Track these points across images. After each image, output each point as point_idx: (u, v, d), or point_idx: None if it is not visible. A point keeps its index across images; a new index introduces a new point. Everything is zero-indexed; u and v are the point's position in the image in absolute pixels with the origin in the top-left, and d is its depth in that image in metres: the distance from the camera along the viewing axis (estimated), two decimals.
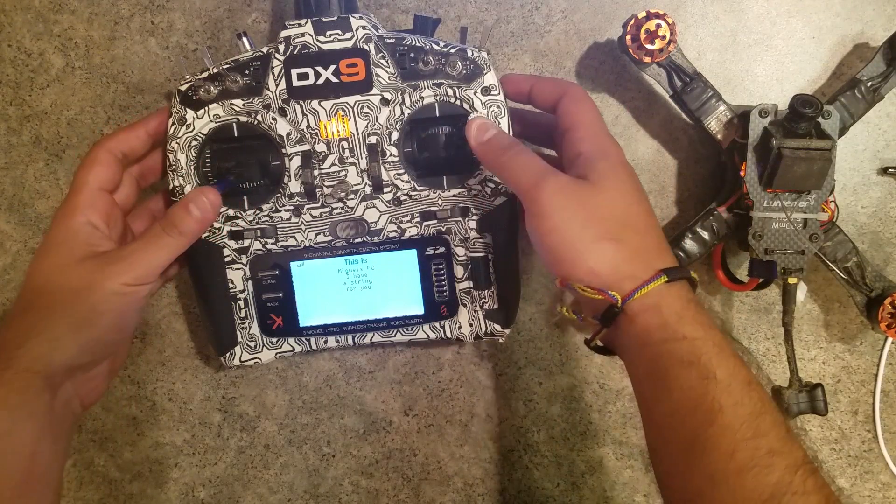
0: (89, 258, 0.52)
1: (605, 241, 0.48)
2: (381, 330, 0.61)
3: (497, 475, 0.70)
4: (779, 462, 0.43)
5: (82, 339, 0.51)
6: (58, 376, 0.50)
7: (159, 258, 0.53)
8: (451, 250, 0.59)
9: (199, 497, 0.69)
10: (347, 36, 0.54)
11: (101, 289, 0.51)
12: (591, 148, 0.52)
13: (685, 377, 0.45)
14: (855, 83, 0.60)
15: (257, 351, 0.61)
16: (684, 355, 0.45)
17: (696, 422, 0.45)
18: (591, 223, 0.48)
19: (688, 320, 0.46)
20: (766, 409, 0.45)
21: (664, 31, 0.57)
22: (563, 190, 0.49)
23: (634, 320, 0.47)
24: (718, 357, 0.45)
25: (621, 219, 0.49)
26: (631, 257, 0.48)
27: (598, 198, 0.49)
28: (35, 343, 0.49)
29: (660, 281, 0.47)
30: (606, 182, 0.50)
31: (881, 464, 0.70)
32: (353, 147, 0.56)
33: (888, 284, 0.62)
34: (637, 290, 0.47)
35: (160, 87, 0.64)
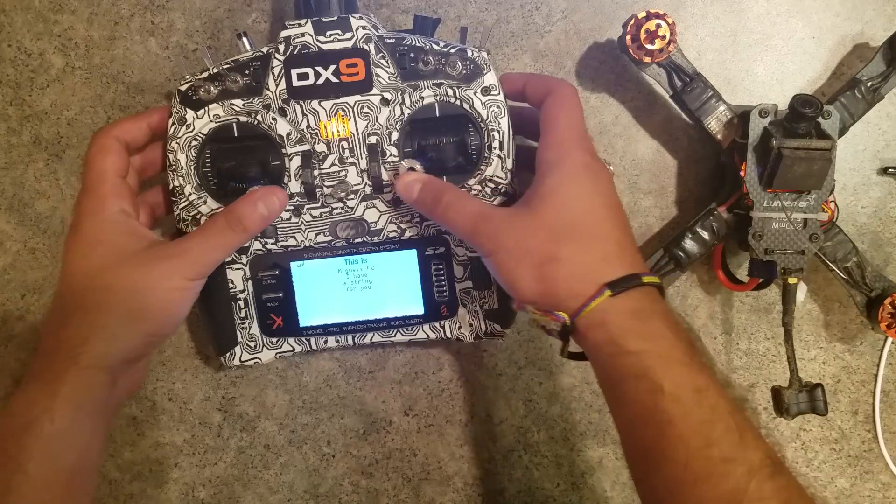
0: (142, 251, 0.52)
1: (546, 265, 0.48)
2: (381, 330, 0.61)
3: (497, 475, 0.70)
4: (733, 469, 0.43)
5: (141, 333, 0.51)
6: (118, 370, 0.50)
7: (220, 253, 0.54)
8: (451, 250, 0.59)
9: (199, 497, 0.69)
10: (347, 36, 0.54)
11: (161, 285, 0.51)
12: (549, 158, 0.52)
13: (635, 391, 0.46)
14: (855, 83, 0.60)
15: (257, 351, 0.61)
16: (632, 369, 0.46)
17: (650, 434, 0.45)
18: (530, 250, 0.49)
19: (633, 334, 0.46)
20: (717, 416, 0.45)
21: (664, 31, 0.57)
22: (499, 227, 0.50)
23: (586, 336, 0.48)
24: (664, 368, 0.45)
25: (561, 235, 0.49)
26: (574, 274, 0.48)
27: (534, 221, 0.49)
28: (96, 339, 0.50)
29: (603, 297, 0.47)
30: (548, 199, 0.50)
31: (881, 464, 0.70)
32: (353, 147, 0.56)
33: (888, 284, 0.62)
34: (581, 308, 0.47)
35: (160, 87, 0.64)
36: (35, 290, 0.66)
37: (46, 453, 0.47)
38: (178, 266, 0.52)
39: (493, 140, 0.56)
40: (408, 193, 0.55)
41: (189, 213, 0.57)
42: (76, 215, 0.53)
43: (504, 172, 0.56)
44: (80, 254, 0.52)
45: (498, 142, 0.56)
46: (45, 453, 0.47)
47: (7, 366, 0.66)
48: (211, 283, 0.58)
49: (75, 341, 0.49)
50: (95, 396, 0.49)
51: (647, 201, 0.67)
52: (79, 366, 0.49)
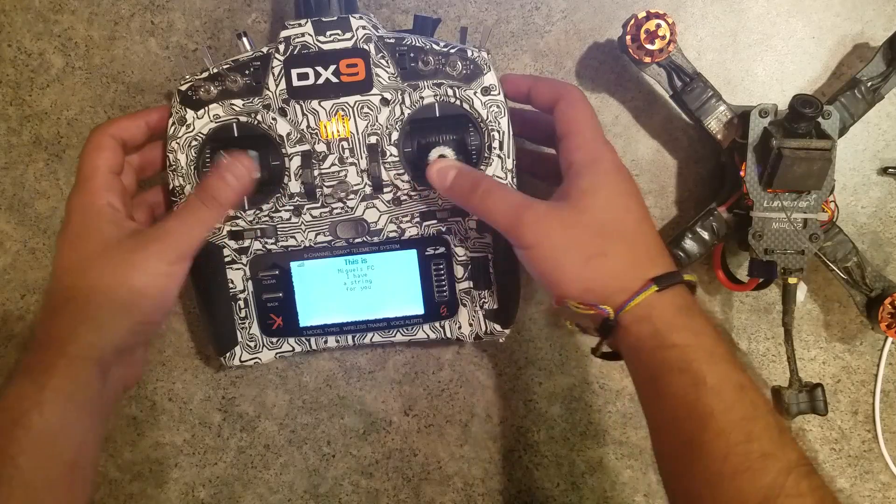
0: (125, 239, 0.52)
1: (593, 259, 0.49)
2: (381, 330, 0.61)
3: (497, 475, 0.70)
4: (772, 465, 0.43)
5: (129, 321, 0.51)
6: (108, 361, 0.50)
7: (198, 232, 0.53)
8: (451, 250, 0.59)
9: (199, 497, 0.69)
10: (347, 36, 0.54)
11: (144, 270, 0.51)
12: (581, 158, 0.52)
13: (677, 384, 0.46)
14: (855, 83, 0.60)
15: (257, 351, 0.61)
16: (675, 363, 0.46)
17: (690, 427, 0.45)
18: (576, 244, 0.49)
19: (678, 328, 0.47)
20: (759, 413, 0.45)
21: (664, 31, 0.57)
22: (543, 219, 0.50)
23: (629, 330, 0.48)
24: (709, 363, 0.46)
25: (607, 232, 0.50)
26: (621, 270, 0.49)
27: (580, 216, 0.50)
28: (84, 330, 0.49)
29: (650, 291, 0.47)
30: (590, 196, 0.50)
31: (881, 464, 0.70)
32: (353, 147, 0.56)
33: (888, 284, 0.62)
34: (627, 302, 0.47)
35: (160, 87, 0.64)
36: (35, 290, 0.66)
37: (37, 447, 0.46)
38: (159, 250, 0.51)
39: (493, 140, 0.56)
40: (441, 180, 0.54)
41: None
42: (66, 210, 0.53)
43: (504, 172, 0.56)
44: (67, 247, 0.52)
45: (498, 142, 0.56)
46: (36, 447, 0.46)
47: (7, 366, 0.66)
48: (211, 283, 0.58)
49: (64, 333, 0.49)
50: (86, 389, 0.49)
51: (647, 201, 0.66)
52: (67, 357, 0.48)
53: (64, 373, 0.48)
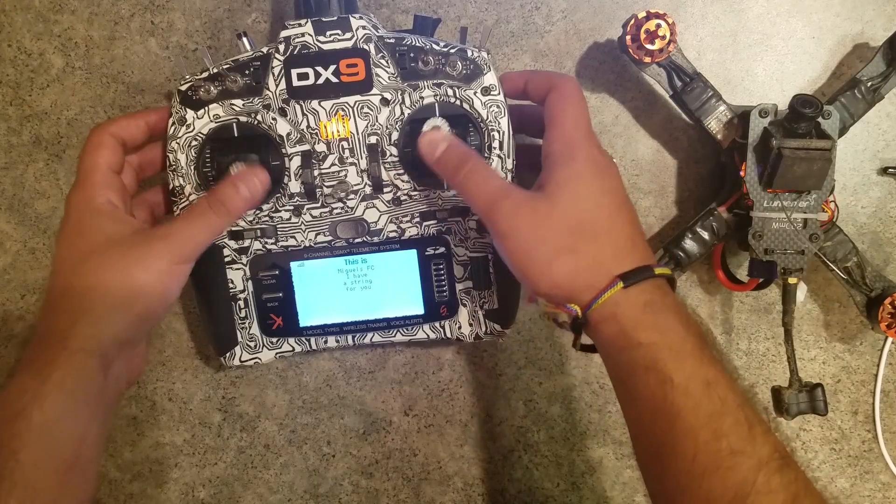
0: (128, 235, 0.52)
1: (562, 255, 0.48)
2: (381, 330, 0.61)
3: (497, 475, 0.70)
4: (742, 462, 0.43)
5: (129, 316, 0.51)
6: (109, 354, 0.50)
7: (204, 236, 0.53)
8: (451, 250, 0.59)
9: (199, 497, 0.69)
10: (347, 36, 0.54)
11: (147, 267, 0.51)
12: (558, 150, 0.51)
13: (645, 383, 0.46)
14: (855, 83, 0.60)
15: (257, 351, 0.61)
16: (642, 362, 0.46)
17: (660, 427, 0.45)
18: (547, 239, 0.48)
19: (644, 326, 0.46)
20: (727, 409, 0.45)
21: (664, 31, 0.57)
22: (519, 209, 0.49)
23: (598, 329, 0.48)
24: (675, 360, 0.45)
25: (577, 228, 0.49)
26: (588, 267, 0.48)
27: (553, 210, 0.49)
28: (85, 323, 0.49)
29: (616, 289, 0.47)
30: (563, 190, 0.49)
31: (881, 464, 0.70)
32: (353, 147, 0.56)
33: (888, 284, 0.62)
34: (593, 301, 0.47)
35: (160, 87, 0.64)
36: (35, 290, 0.66)
37: (39, 441, 0.46)
38: (162, 249, 0.51)
39: (493, 140, 0.56)
40: (430, 151, 0.53)
41: None
42: (66, 207, 0.53)
43: (504, 172, 0.56)
44: (67, 243, 0.52)
45: (498, 142, 0.56)
46: (37, 441, 0.46)
47: (7, 366, 0.66)
48: (211, 283, 0.58)
49: (64, 326, 0.49)
50: (88, 383, 0.48)
51: (647, 201, 0.67)
52: (68, 350, 0.48)
53: (65, 366, 0.48)
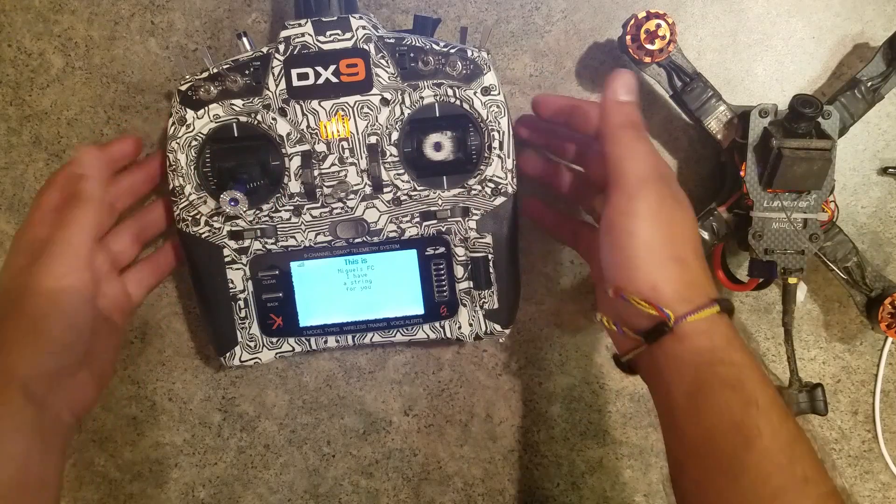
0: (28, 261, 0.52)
1: (674, 262, 0.48)
2: (381, 330, 0.61)
3: (497, 475, 0.70)
4: (811, 490, 0.43)
5: (38, 345, 0.50)
6: (36, 386, 0.49)
7: (75, 237, 0.52)
8: (451, 250, 0.59)
9: (199, 497, 0.69)
10: (347, 36, 0.54)
11: (36, 290, 0.50)
12: (666, 169, 0.51)
13: (727, 400, 0.45)
14: (855, 83, 0.60)
15: (257, 351, 0.61)
16: (729, 379, 0.46)
17: (734, 444, 0.45)
18: (669, 241, 0.48)
19: (734, 347, 0.47)
20: (801, 438, 0.45)
21: (664, 32, 0.57)
22: (665, 202, 0.49)
23: (683, 341, 0.47)
24: (762, 385, 0.46)
25: (693, 244, 0.50)
26: (692, 282, 0.48)
27: (681, 217, 0.49)
28: (3, 353, 0.49)
29: (714, 309, 0.47)
30: (684, 205, 0.50)
31: (881, 464, 0.70)
32: (353, 147, 0.56)
33: (888, 284, 0.62)
34: (692, 312, 0.47)
35: (160, 87, 0.64)
36: None
37: None
38: (44, 265, 0.51)
39: (493, 140, 0.56)
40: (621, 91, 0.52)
41: (189, 213, 0.57)
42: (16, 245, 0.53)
43: (504, 172, 0.56)
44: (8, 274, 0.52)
45: (498, 142, 0.56)
46: None
47: None
48: (211, 283, 0.58)
49: None
50: (14, 415, 0.48)
51: None
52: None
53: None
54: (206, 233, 0.58)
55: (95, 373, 0.55)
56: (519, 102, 0.65)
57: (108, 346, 0.56)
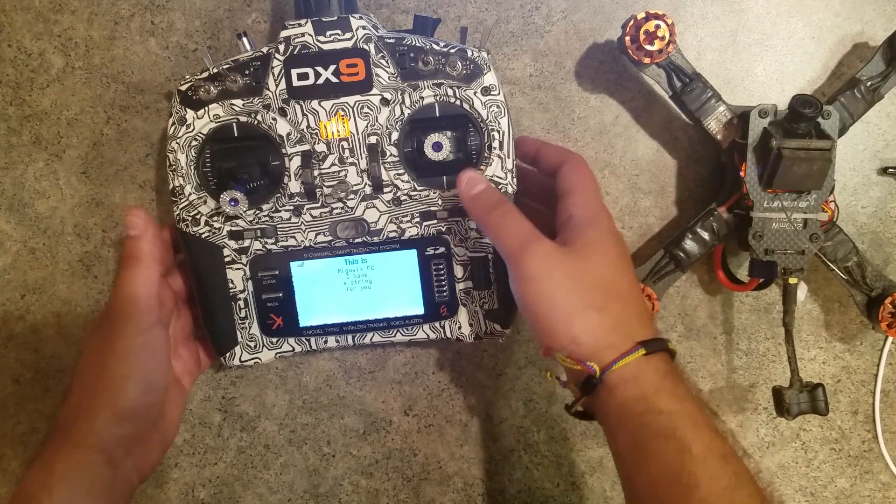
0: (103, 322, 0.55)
1: (589, 311, 0.49)
2: (381, 330, 0.61)
3: (497, 475, 0.70)
4: None
5: (118, 410, 0.52)
6: (114, 450, 0.52)
7: (137, 294, 0.54)
8: (451, 250, 0.59)
9: (199, 497, 0.69)
10: (347, 36, 0.54)
11: (114, 352, 0.53)
12: (583, 213, 0.52)
13: (663, 450, 0.46)
14: (854, 83, 0.60)
15: (257, 351, 0.60)
16: (661, 429, 0.46)
17: (675, 495, 0.45)
18: (576, 291, 0.49)
19: (665, 393, 0.47)
20: (742, 483, 0.45)
21: (663, 32, 0.57)
22: (550, 256, 0.49)
23: (613, 391, 0.48)
24: (694, 431, 0.46)
25: (605, 288, 0.50)
26: (612, 327, 0.49)
27: (584, 266, 0.50)
28: (85, 419, 0.52)
29: (638, 353, 0.47)
30: (593, 250, 0.51)
31: (881, 464, 0.70)
32: (353, 147, 0.56)
33: (888, 284, 0.62)
34: (615, 361, 0.47)
35: (160, 87, 0.64)
36: (35, 290, 0.66)
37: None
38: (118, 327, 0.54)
39: (493, 140, 0.56)
40: (468, 189, 0.54)
41: (189, 213, 0.57)
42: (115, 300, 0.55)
43: (504, 172, 0.56)
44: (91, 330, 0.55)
45: (498, 142, 0.56)
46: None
47: (7, 366, 0.66)
48: (211, 283, 0.58)
49: (70, 420, 0.52)
50: (92, 475, 0.50)
51: (647, 201, 0.67)
52: (71, 444, 0.51)
53: (68, 459, 0.50)
54: (206, 233, 0.58)
55: (163, 436, 0.57)
56: (519, 102, 0.65)
57: (175, 410, 0.59)
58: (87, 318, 0.66)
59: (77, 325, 0.66)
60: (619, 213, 0.67)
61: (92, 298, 0.66)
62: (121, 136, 0.64)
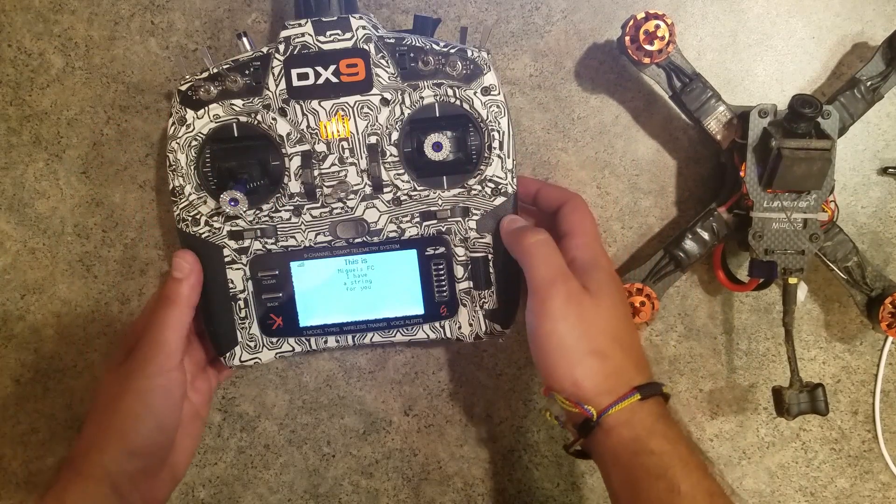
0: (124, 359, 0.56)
1: (593, 356, 0.51)
2: (380, 330, 0.61)
3: (497, 475, 0.70)
4: None
5: (128, 446, 0.54)
6: (121, 484, 0.53)
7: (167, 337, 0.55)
8: (451, 250, 0.59)
9: (199, 497, 0.69)
10: (347, 36, 0.54)
11: (130, 389, 0.54)
12: (586, 256, 0.55)
13: (654, 489, 0.48)
14: (854, 83, 0.60)
15: (257, 351, 0.60)
16: (652, 468, 0.48)
17: None
18: (586, 336, 0.51)
19: (657, 435, 0.49)
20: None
21: (663, 32, 0.57)
22: (572, 298, 0.51)
23: (609, 433, 0.50)
24: (683, 471, 0.48)
25: (611, 334, 0.52)
26: (612, 373, 0.51)
27: (595, 311, 0.52)
28: (95, 451, 0.53)
29: (633, 398, 0.50)
30: (603, 294, 0.53)
31: (881, 464, 0.70)
32: (353, 147, 0.56)
33: (888, 284, 0.62)
34: (611, 406, 0.50)
35: (160, 87, 0.64)
36: (35, 290, 0.66)
37: None
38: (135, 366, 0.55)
39: (494, 140, 0.56)
40: (510, 224, 0.56)
41: (189, 212, 0.57)
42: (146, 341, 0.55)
43: (504, 172, 0.56)
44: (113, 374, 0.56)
45: (498, 142, 0.56)
46: None
47: (7, 366, 0.66)
48: (211, 283, 0.58)
49: (80, 452, 0.54)
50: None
51: (647, 201, 0.67)
52: (82, 476, 0.53)
53: (77, 491, 0.52)
54: (205, 233, 0.58)
55: (174, 471, 0.59)
56: (519, 102, 0.65)
57: (192, 443, 0.61)
58: (87, 318, 0.66)
59: (77, 325, 0.66)
60: (619, 213, 0.67)
61: (92, 298, 0.66)
62: (121, 136, 0.64)
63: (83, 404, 0.67)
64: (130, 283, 0.66)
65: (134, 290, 0.66)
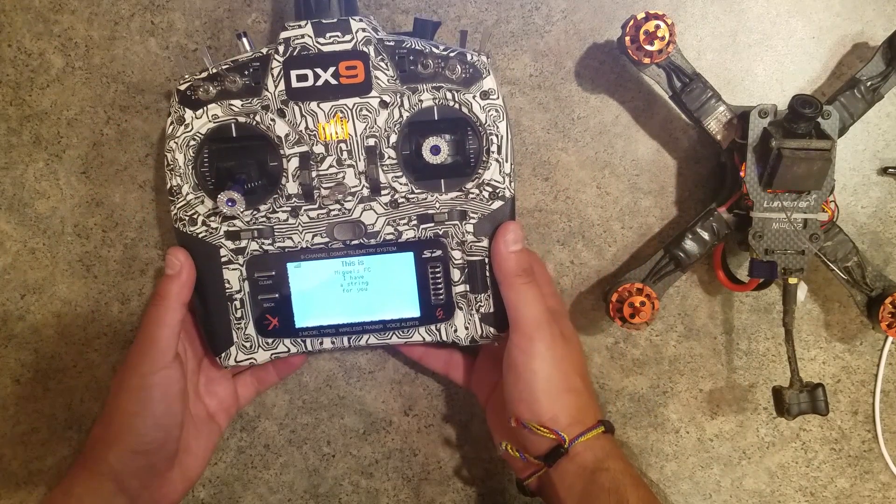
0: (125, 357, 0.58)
1: (568, 393, 0.56)
2: (377, 332, 0.60)
3: (497, 475, 0.70)
4: None
5: (129, 444, 0.55)
6: (128, 481, 0.55)
7: (158, 334, 0.55)
8: (448, 253, 0.59)
9: (199, 497, 0.69)
10: (347, 38, 0.54)
11: (128, 387, 0.55)
12: (555, 304, 0.61)
13: (605, 502, 0.53)
14: (854, 83, 0.59)
15: (253, 351, 0.60)
16: (607, 483, 0.54)
17: None
18: (563, 376, 0.56)
19: (612, 457, 0.55)
20: None
21: (663, 32, 0.57)
22: (556, 341, 0.56)
23: (574, 458, 0.55)
24: (634, 486, 0.54)
25: (580, 373, 0.58)
26: (583, 407, 0.56)
27: (568, 353, 0.57)
28: (100, 449, 0.55)
29: (599, 429, 0.56)
30: (573, 339, 0.59)
31: (881, 464, 0.70)
32: (351, 149, 0.56)
33: (888, 284, 0.62)
34: (583, 433, 0.55)
35: (160, 87, 0.64)
36: (35, 290, 0.66)
37: None
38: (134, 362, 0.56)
39: (492, 144, 0.56)
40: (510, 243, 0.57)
41: (186, 212, 0.57)
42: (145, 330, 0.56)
43: (502, 176, 0.56)
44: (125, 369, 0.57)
45: (496, 146, 0.56)
46: None
47: (7, 366, 0.67)
48: (207, 283, 0.58)
49: (90, 448, 0.56)
50: (108, 501, 0.54)
51: (647, 201, 0.67)
52: (88, 471, 0.55)
53: (83, 485, 0.54)
54: (202, 233, 0.58)
55: (185, 472, 0.60)
56: (519, 102, 0.65)
57: (205, 446, 0.62)
58: (87, 318, 0.66)
59: (77, 325, 0.66)
60: (619, 213, 0.67)
61: (92, 298, 0.66)
62: (121, 136, 0.64)
63: (83, 404, 0.67)
64: (130, 283, 0.66)
65: (134, 290, 0.66)
